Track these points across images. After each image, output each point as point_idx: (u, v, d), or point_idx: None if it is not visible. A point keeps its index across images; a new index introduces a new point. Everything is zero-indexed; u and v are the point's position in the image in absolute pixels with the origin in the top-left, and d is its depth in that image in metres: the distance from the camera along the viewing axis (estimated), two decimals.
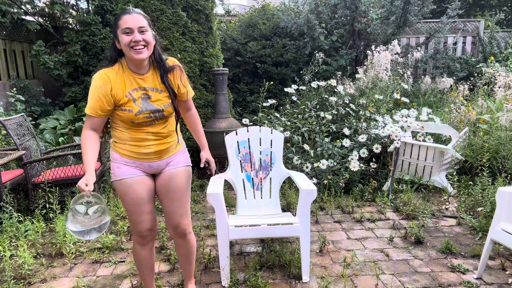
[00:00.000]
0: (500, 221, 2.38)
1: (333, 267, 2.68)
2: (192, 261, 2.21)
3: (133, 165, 1.92)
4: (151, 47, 1.80)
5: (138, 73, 1.84)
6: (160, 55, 1.88)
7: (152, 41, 1.80)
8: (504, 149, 3.91)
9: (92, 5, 6.85)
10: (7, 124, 3.60)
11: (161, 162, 1.97)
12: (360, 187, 4.06)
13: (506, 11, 10.77)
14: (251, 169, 3.08)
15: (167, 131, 1.94)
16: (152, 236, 2.05)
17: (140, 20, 1.75)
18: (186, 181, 2.03)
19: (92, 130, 1.85)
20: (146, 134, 1.87)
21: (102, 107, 1.79)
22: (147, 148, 1.89)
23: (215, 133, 4.58)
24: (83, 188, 1.66)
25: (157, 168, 1.98)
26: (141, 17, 1.77)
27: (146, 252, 2.06)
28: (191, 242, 2.14)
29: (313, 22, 6.32)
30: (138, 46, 1.74)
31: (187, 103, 2.08)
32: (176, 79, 1.93)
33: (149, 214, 1.98)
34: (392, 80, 5.46)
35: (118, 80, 1.80)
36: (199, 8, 4.88)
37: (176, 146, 2.02)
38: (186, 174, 2.04)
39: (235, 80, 7.19)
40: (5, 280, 2.52)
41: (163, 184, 1.98)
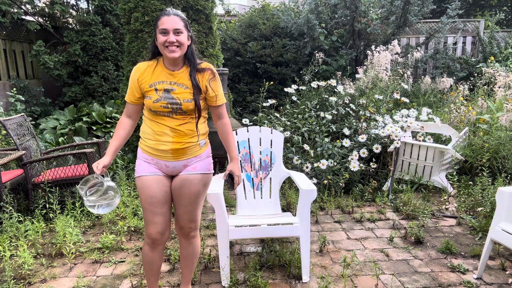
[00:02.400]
0: (500, 221, 2.38)
1: (333, 267, 2.68)
2: (192, 266, 2.19)
3: (152, 163, 1.98)
4: (184, 47, 1.89)
5: (171, 69, 1.94)
6: (192, 54, 1.95)
7: (185, 42, 1.89)
8: (504, 149, 3.91)
9: (92, 5, 6.85)
10: (7, 124, 3.60)
11: (177, 163, 1.96)
12: (360, 187, 4.06)
13: (506, 11, 10.77)
14: (251, 169, 3.08)
15: (185, 129, 1.93)
16: (162, 240, 2.03)
17: (177, 22, 1.86)
18: (199, 190, 2.00)
19: (127, 117, 2.04)
20: (165, 128, 1.92)
21: (133, 94, 1.97)
22: (165, 145, 1.92)
23: (215, 133, 4.56)
24: (94, 169, 1.88)
25: (173, 169, 1.98)
26: (178, 19, 1.87)
27: (154, 255, 2.05)
28: (193, 245, 2.12)
29: (313, 22, 6.32)
30: (172, 46, 1.85)
31: (218, 110, 2.03)
32: (205, 80, 1.95)
33: (162, 216, 1.98)
34: (392, 80, 5.47)
35: (148, 71, 1.95)
36: (199, 8, 4.88)
37: (196, 150, 1.99)
38: (201, 182, 2.00)
39: (235, 80, 7.19)
40: (5, 280, 2.52)
41: (176, 187, 2.00)
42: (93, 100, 6.81)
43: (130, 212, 3.54)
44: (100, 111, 6.19)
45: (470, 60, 7.18)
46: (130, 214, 3.49)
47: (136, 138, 4.92)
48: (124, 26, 4.95)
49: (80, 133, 5.78)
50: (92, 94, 6.88)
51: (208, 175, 2.05)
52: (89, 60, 6.72)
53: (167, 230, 2.02)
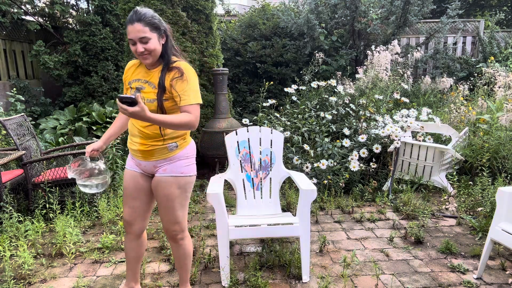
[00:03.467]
0: (500, 221, 2.38)
1: (333, 267, 2.68)
2: (185, 267, 2.18)
3: (133, 159, 2.07)
4: (156, 51, 1.85)
5: (148, 67, 1.95)
6: (167, 52, 1.90)
7: (156, 46, 1.84)
8: (504, 149, 3.91)
9: (92, 5, 6.85)
10: (7, 124, 3.60)
11: (147, 163, 1.99)
12: (360, 187, 4.06)
13: (506, 11, 10.77)
14: (251, 169, 3.08)
15: (150, 131, 1.90)
16: (131, 230, 2.12)
17: (140, 30, 1.78)
18: (172, 192, 1.97)
19: None
20: (134, 128, 1.96)
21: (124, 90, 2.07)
22: (134, 145, 1.98)
23: (215, 133, 4.58)
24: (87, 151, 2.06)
25: (145, 168, 2.02)
26: (142, 25, 1.78)
27: (127, 241, 2.16)
28: (183, 247, 2.11)
29: (313, 22, 6.32)
30: (142, 55, 1.84)
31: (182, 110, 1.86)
32: (169, 79, 1.87)
33: (131, 208, 2.09)
34: (392, 80, 5.47)
35: (131, 69, 2.01)
36: (199, 8, 4.88)
37: (165, 153, 1.95)
38: (174, 185, 1.97)
39: (235, 80, 7.19)
40: (5, 280, 2.52)
41: (153, 188, 2.04)
42: (93, 100, 6.81)
43: None
44: (100, 111, 6.19)
45: (470, 60, 7.18)
46: None
47: None
48: (124, 26, 4.95)
49: (80, 133, 5.78)
50: (92, 94, 6.88)
51: (183, 178, 1.98)
52: (89, 60, 6.72)
53: (136, 223, 2.11)
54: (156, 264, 2.75)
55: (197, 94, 1.87)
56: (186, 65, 1.90)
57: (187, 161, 2.01)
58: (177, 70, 1.86)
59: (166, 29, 1.89)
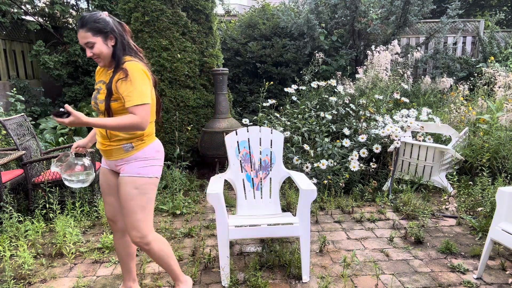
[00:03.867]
0: (500, 221, 2.38)
1: (333, 267, 2.68)
2: (166, 266, 2.13)
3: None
4: (105, 54, 1.87)
5: (107, 68, 1.97)
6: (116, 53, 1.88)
7: (103, 49, 1.85)
8: (504, 149, 3.91)
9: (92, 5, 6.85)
10: (7, 124, 3.60)
11: (110, 162, 2.04)
12: (360, 187, 4.06)
13: (506, 11, 10.77)
14: (251, 169, 3.08)
15: (104, 131, 1.94)
16: (115, 227, 2.19)
17: (84, 36, 1.82)
18: (129, 192, 1.95)
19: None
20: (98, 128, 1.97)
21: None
22: (97, 144, 2.05)
23: (215, 133, 4.58)
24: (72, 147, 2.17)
25: (110, 166, 2.08)
26: (84, 31, 1.82)
27: (115, 240, 2.23)
28: (152, 252, 2.04)
29: (313, 22, 6.32)
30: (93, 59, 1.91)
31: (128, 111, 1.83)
32: (115, 80, 1.85)
33: (108, 205, 2.16)
34: (392, 80, 5.47)
35: (99, 71, 2.05)
36: (199, 8, 4.88)
37: (120, 154, 1.95)
38: (130, 185, 1.94)
39: (235, 80, 7.19)
40: (5, 280, 2.52)
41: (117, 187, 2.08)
42: None
43: None
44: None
45: (470, 60, 7.18)
46: None
47: None
48: None
49: (80, 133, 5.78)
50: (92, 94, 6.88)
51: (140, 179, 1.95)
52: (89, 60, 6.72)
53: (117, 219, 2.17)
54: (156, 264, 2.75)
55: (142, 95, 1.82)
56: (132, 65, 1.85)
57: (145, 162, 1.97)
58: (122, 70, 1.84)
59: (114, 30, 1.86)
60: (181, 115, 4.83)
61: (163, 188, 4.32)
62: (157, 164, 2.03)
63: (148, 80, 1.90)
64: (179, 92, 4.81)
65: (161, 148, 2.09)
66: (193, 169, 5.09)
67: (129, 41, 1.94)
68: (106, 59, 1.89)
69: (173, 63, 4.71)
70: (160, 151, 2.07)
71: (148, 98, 1.85)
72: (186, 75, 4.83)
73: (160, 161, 2.06)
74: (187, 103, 4.85)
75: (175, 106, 4.81)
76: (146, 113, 1.83)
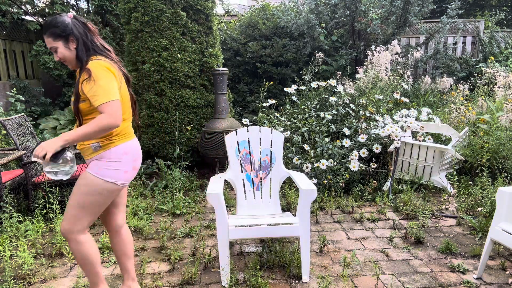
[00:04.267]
0: (500, 221, 2.38)
1: (333, 267, 2.68)
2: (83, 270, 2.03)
3: None
4: (70, 57, 1.88)
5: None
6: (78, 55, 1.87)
7: (65, 53, 1.87)
8: (504, 149, 3.91)
9: (92, 5, 6.85)
10: (7, 124, 3.60)
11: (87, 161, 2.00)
12: (360, 187, 4.06)
13: (506, 11, 10.77)
14: (251, 169, 3.08)
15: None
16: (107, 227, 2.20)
17: (48, 42, 1.86)
18: (79, 185, 1.92)
19: None
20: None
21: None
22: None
23: (215, 133, 4.58)
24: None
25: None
26: (46, 37, 1.85)
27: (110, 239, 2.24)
28: (72, 249, 1.97)
29: (313, 22, 6.32)
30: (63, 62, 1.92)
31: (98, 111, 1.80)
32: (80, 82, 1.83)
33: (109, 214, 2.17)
34: (392, 80, 5.47)
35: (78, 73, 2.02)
36: (199, 8, 4.88)
37: (90, 153, 1.94)
38: (83, 180, 1.91)
39: (235, 80, 7.19)
40: (5, 280, 2.52)
41: None
42: None
43: (130, 212, 3.54)
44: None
45: (470, 60, 7.18)
46: (130, 214, 3.50)
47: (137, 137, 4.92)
48: (124, 26, 4.95)
49: None
50: None
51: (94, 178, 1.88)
52: None
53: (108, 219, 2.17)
54: (156, 264, 2.75)
55: (107, 92, 1.77)
56: (94, 63, 1.82)
57: (107, 164, 1.90)
58: (85, 71, 1.81)
59: (73, 32, 1.85)
60: (181, 115, 4.83)
61: (163, 188, 4.33)
62: (120, 168, 1.92)
63: (113, 76, 1.85)
64: (179, 92, 4.80)
65: (133, 150, 1.99)
66: (193, 169, 5.09)
67: (94, 40, 1.91)
68: (72, 62, 1.89)
69: (173, 63, 4.71)
70: (130, 153, 1.96)
71: (115, 95, 1.80)
72: (186, 75, 4.83)
73: (126, 166, 1.94)
74: (187, 103, 4.85)
75: (175, 106, 4.81)
76: (115, 109, 1.78)
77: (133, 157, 1.98)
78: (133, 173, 2.01)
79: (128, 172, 1.96)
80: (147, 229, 3.26)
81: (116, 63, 1.96)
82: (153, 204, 3.90)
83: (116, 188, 1.93)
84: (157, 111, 4.79)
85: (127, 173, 1.95)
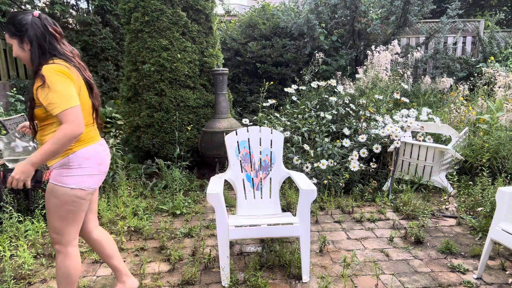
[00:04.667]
0: (500, 221, 2.38)
1: (333, 267, 2.68)
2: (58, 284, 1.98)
3: None
4: (23, 58, 1.82)
5: None
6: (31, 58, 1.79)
7: (17, 53, 1.81)
8: (504, 149, 3.91)
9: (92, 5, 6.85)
10: (7, 124, 3.60)
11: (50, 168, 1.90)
12: (360, 187, 4.06)
13: (506, 11, 10.77)
14: (251, 169, 3.08)
15: (39, 137, 1.88)
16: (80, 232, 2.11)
17: (6, 37, 1.82)
18: (48, 199, 1.86)
19: None
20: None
21: None
22: None
23: (215, 133, 4.58)
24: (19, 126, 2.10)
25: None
26: (5, 33, 1.82)
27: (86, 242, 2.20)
28: (57, 262, 1.93)
29: (313, 22, 6.32)
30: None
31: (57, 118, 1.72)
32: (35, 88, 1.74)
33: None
34: (392, 80, 5.47)
35: None
36: (199, 8, 4.88)
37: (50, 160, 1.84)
38: (50, 193, 1.85)
39: (235, 80, 7.20)
40: (5, 280, 2.52)
41: None
42: None
43: (130, 212, 3.54)
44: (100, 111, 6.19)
45: (470, 60, 7.18)
46: (130, 214, 3.50)
47: (136, 138, 4.93)
48: (124, 26, 4.95)
49: None
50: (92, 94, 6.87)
51: (59, 188, 1.82)
52: (89, 60, 6.72)
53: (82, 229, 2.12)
54: (156, 264, 2.75)
55: (65, 98, 1.69)
56: (48, 69, 1.72)
57: (68, 171, 1.82)
58: (39, 77, 1.71)
59: (27, 34, 1.76)
60: (181, 115, 4.83)
61: (163, 188, 4.33)
62: (83, 174, 1.84)
63: (70, 81, 1.75)
64: (179, 92, 4.80)
65: (95, 154, 1.90)
66: (193, 169, 5.09)
67: (53, 44, 1.80)
68: (27, 62, 1.80)
69: (173, 63, 4.71)
70: (91, 158, 1.87)
71: (74, 100, 1.72)
72: (186, 75, 4.83)
73: (89, 170, 1.87)
74: (187, 103, 4.85)
75: (175, 106, 4.81)
76: (76, 116, 1.70)
77: (97, 161, 1.90)
78: (101, 177, 1.95)
79: (93, 176, 1.89)
80: (147, 229, 3.26)
81: (80, 69, 1.87)
82: (153, 204, 3.90)
83: (86, 193, 1.88)
84: (157, 111, 4.79)
85: (92, 177, 1.89)
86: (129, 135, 5.04)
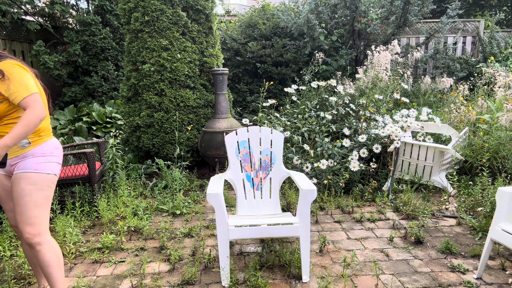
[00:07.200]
0: (500, 221, 2.38)
1: (333, 267, 2.68)
2: (49, 277, 2.00)
3: None
4: None
5: None
6: None
7: None
8: (504, 149, 3.91)
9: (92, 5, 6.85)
10: None
11: (10, 160, 1.95)
12: (360, 187, 4.06)
13: (506, 11, 10.77)
14: (251, 169, 3.09)
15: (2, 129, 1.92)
16: (20, 234, 2.12)
17: None
18: (23, 189, 1.91)
19: None
20: None
21: None
22: None
23: (215, 133, 4.58)
24: None
25: (6, 169, 2.01)
26: None
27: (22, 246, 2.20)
28: (41, 254, 1.95)
29: (313, 22, 6.32)
30: None
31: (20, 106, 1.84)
32: None
33: (8, 212, 2.11)
34: (392, 80, 5.47)
35: None
36: (199, 8, 4.88)
37: (17, 150, 1.92)
38: (25, 180, 1.91)
39: (235, 80, 7.20)
40: (5, 280, 2.52)
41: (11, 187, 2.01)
42: (93, 100, 6.81)
43: (130, 212, 3.54)
44: (100, 111, 6.19)
45: (470, 60, 7.18)
46: (130, 214, 3.50)
47: (136, 138, 4.93)
48: (124, 26, 4.95)
49: (80, 133, 5.78)
50: (92, 94, 6.88)
51: (37, 174, 1.92)
52: (89, 60, 6.72)
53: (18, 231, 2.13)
54: (156, 264, 2.75)
55: (26, 86, 1.81)
56: (5, 63, 1.85)
57: (44, 158, 1.96)
58: None
59: None
60: (181, 115, 4.83)
61: (163, 188, 4.33)
62: (55, 161, 2.01)
63: (26, 71, 1.89)
64: (179, 92, 4.81)
65: (60, 146, 2.08)
66: (193, 169, 5.09)
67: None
68: None
69: (173, 63, 4.71)
70: (59, 148, 2.06)
71: (34, 88, 1.84)
72: (186, 75, 4.83)
73: (59, 159, 2.04)
74: (187, 103, 4.85)
75: (175, 106, 4.81)
76: (37, 102, 1.82)
77: (60, 152, 2.07)
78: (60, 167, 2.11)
79: (59, 164, 2.05)
80: (147, 229, 3.26)
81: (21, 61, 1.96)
82: (153, 204, 3.90)
83: (55, 179, 2.02)
84: (157, 111, 4.79)
85: (59, 165, 2.05)
86: (129, 135, 5.04)
